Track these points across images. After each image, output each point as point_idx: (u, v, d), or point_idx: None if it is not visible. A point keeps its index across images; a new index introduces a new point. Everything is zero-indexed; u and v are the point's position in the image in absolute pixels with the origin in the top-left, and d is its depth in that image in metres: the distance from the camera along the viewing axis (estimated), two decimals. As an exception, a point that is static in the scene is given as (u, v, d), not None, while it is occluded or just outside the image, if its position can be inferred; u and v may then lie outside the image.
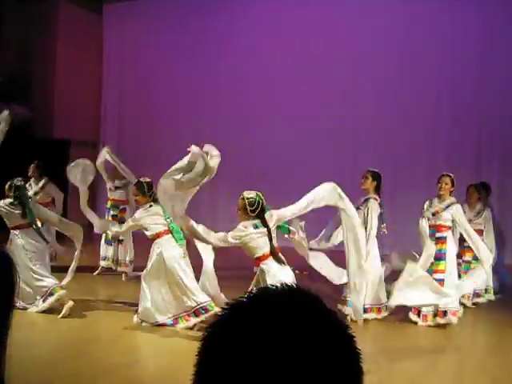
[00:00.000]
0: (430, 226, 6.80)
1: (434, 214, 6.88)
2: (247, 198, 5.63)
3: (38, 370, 4.70)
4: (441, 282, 6.51)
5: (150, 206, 6.52)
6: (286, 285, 0.82)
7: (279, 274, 5.29)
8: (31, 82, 15.94)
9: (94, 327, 6.30)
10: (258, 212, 5.58)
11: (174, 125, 15.32)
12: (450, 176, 6.96)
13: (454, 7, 12.38)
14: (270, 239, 5.55)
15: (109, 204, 9.36)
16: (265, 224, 5.56)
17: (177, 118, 15.28)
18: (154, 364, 5.27)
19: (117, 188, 9.31)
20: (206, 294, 6.03)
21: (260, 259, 5.52)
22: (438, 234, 6.80)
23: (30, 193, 8.56)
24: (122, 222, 8.24)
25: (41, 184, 9.29)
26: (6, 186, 6.87)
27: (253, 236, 5.51)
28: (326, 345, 0.75)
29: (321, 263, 6.90)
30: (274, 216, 5.69)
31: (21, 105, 15.79)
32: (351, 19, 13.17)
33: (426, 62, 12.61)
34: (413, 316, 6.74)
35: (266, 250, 5.52)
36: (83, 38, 16.06)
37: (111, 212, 9.22)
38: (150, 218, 6.39)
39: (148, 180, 6.92)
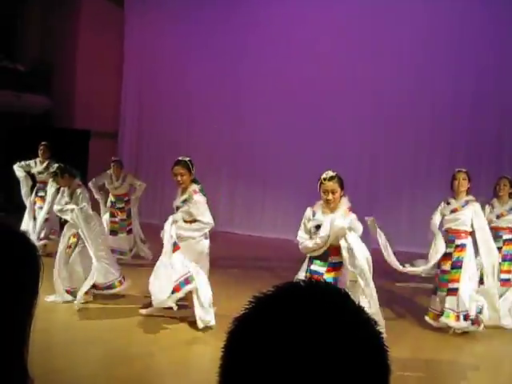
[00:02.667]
0: (451, 232, 6.55)
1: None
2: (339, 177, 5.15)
3: (58, 357, 4.74)
4: (455, 291, 6.30)
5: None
6: (314, 280, 0.80)
7: None
8: (52, 72, 16.04)
9: (113, 316, 6.33)
10: None
11: (192, 115, 15.35)
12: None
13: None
14: None
15: (113, 198, 9.80)
16: None
17: (196, 108, 15.28)
18: (174, 354, 5.28)
19: (117, 187, 9.78)
20: None
21: None
22: (458, 241, 6.48)
23: (34, 170, 9.55)
24: (128, 212, 9.53)
25: (45, 165, 9.64)
26: None
27: None
28: (354, 342, 0.73)
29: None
30: None
31: (42, 95, 15.92)
32: (370, 18, 13.06)
33: (444, 61, 12.51)
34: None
35: None
36: (104, 28, 16.11)
37: (117, 205, 9.73)
38: None
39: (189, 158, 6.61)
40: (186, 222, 6.14)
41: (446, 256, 6.48)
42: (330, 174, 4.98)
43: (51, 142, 10.18)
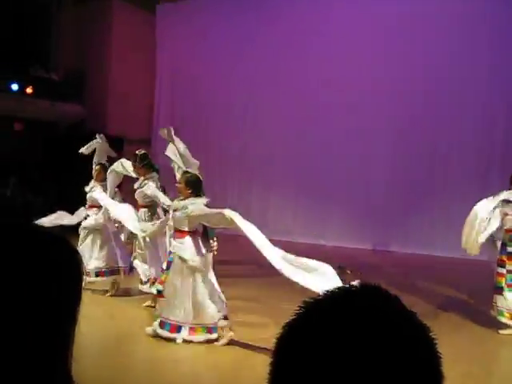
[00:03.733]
0: None
1: None
2: None
3: (85, 361, 4.75)
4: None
5: None
6: (366, 284, 0.78)
7: None
8: (86, 80, 16.29)
9: (140, 322, 6.35)
10: None
11: (226, 123, 15.43)
12: None
13: None
14: None
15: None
16: None
17: (229, 116, 15.37)
18: (207, 359, 5.28)
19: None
20: None
21: None
22: None
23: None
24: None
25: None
26: None
27: None
28: (407, 347, 0.72)
29: None
30: None
31: (76, 103, 16.17)
32: (396, 19, 12.99)
33: (478, 61, 12.33)
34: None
35: None
36: (137, 36, 16.30)
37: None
38: None
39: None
40: None
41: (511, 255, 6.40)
42: None
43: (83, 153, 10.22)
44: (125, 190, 8.49)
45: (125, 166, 7.75)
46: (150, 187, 6.88)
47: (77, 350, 1.01)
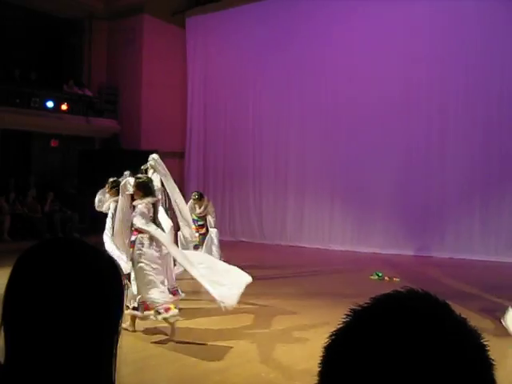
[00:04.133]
0: None
1: None
2: None
3: (130, 375, 4.79)
4: None
5: None
6: (413, 290, 0.76)
7: None
8: (119, 95, 16.54)
9: (185, 332, 6.37)
10: None
11: (257, 135, 15.47)
12: None
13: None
14: None
15: (194, 216, 10.09)
16: None
17: (260, 128, 15.40)
18: (248, 370, 5.26)
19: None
20: None
21: None
22: None
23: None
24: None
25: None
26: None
27: None
28: (459, 354, 0.70)
29: None
30: None
31: (110, 118, 16.44)
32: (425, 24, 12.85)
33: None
34: None
35: None
36: (167, 50, 16.50)
37: (198, 222, 10.13)
38: None
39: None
40: None
41: None
42: None
43: (120, 164, 10.42)
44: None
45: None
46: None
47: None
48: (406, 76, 12.96)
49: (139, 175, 6.53)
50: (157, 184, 7.26)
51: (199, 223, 10.11)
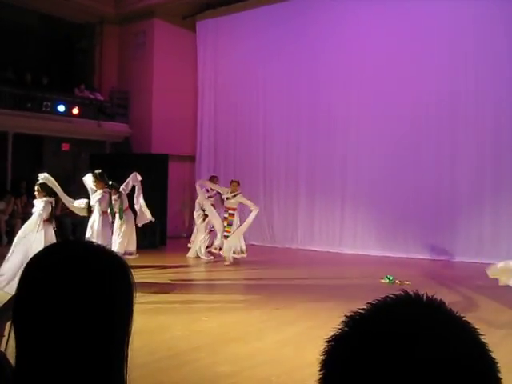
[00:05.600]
0: None
1: None
2: None
3: (139, 378, 4.79)
4: None
5: None
6: (408, 292, 0.75)
7: None
8: (130, 99, 16.61)
9: (196, 336, 6.36)
10: None
11: (268, 139, 15.47)
12: None
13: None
14: None
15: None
16: None
17: (271, 131, 15.40)
18: (258, 373, 5.25)
19: (228, 198, 11.89)
20: None
21: None
22: None
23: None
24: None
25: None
26: None
27: None
28: (459, 354, 0.68)
29: None
30: None
31: (121, 122, 16.51)
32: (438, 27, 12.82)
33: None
34: None
35: None
36: (178, 55, 16.55)
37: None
38: None
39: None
40: None
41: None
42: None
43: (132, 167, 10.51)
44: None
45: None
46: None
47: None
48: (418, 76, 12.91)
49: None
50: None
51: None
